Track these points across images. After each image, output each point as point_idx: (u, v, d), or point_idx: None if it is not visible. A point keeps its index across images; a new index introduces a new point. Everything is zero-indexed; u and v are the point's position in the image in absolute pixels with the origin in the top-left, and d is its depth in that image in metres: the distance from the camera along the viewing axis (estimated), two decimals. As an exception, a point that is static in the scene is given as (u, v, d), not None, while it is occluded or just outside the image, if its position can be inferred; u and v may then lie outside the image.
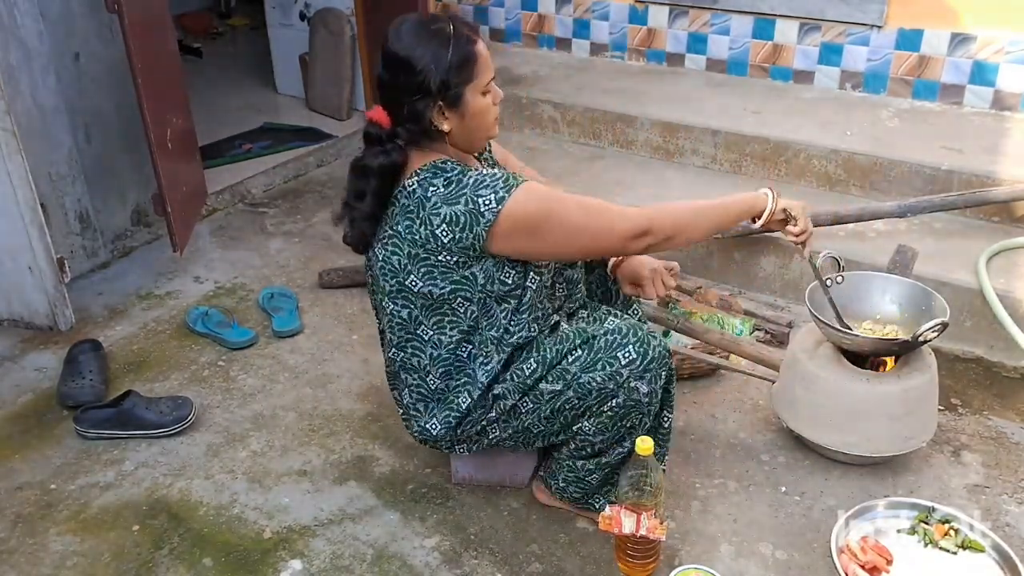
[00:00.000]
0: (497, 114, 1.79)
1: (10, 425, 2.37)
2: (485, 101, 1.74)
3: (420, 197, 1.70)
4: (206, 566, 1.92)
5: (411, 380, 1.89)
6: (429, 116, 1.69)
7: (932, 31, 3.39)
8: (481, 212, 1.65)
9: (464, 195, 1.66)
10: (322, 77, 4.41)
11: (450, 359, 1.83)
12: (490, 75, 1.73)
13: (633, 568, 1.85)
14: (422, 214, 1.69)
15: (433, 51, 1.65)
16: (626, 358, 1.76)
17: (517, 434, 1.89)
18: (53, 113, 2.85)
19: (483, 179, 1.68)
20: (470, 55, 1.68)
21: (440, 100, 1.68)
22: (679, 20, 3.91)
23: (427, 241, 1.70)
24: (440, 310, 1.78)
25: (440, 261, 1.71)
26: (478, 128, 1.76)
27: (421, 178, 1.71)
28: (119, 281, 3.07)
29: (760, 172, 3.29)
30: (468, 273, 1.73)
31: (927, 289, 2.17)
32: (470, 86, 1.69)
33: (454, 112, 1.71)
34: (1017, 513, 2.03)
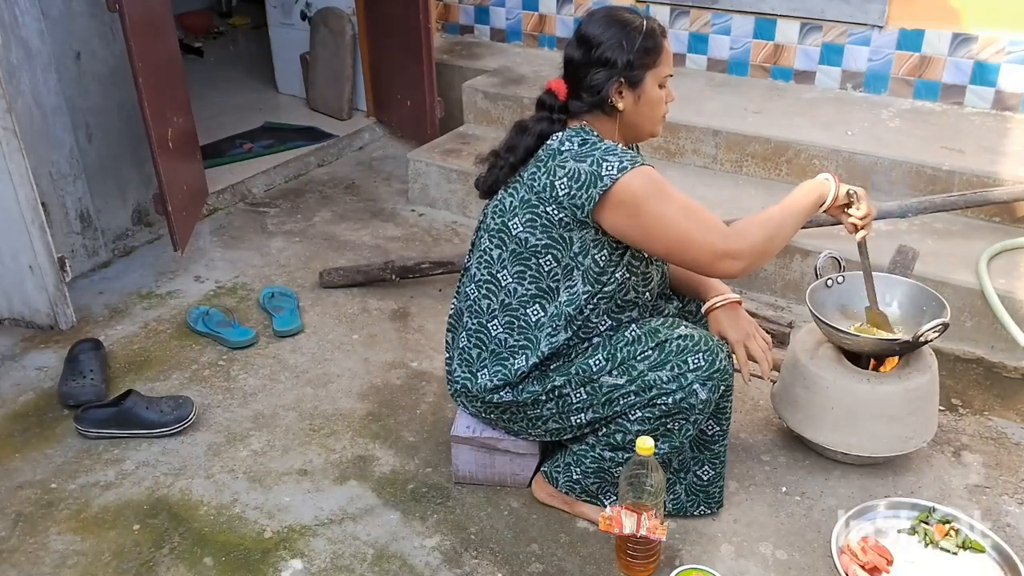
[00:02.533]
0: (666, 112, 1.88)
1: (11, 424, 2.37)
2: (660, 93, 1.83)
3: (554, 149, 1.80)
4: (207, 565, 1.92)
5: (472, 323, 1.93)
6: (608, 89, 1.78)
7: (933, 31, 3.39)
8: (601, 176, 1.72)
9: (593, 156, 1.75)
10: (323, 76, 4.41)
11: (517, 313, 1.87)
12: (669, 71, 1.84)
13: (633, 568, 1.85)
14: (550, 164, 1.79)
15: (626, 33, 1.77)
16: (695, 363, 1.81)
17: (558, 419, 1.91)
18: (54, 112, 2.85)
19: (614, 148, 1.77)
20: (657, 44, 1.79)
21: (622, 77, 1.77)
22: (680, 20, 3.91)
23: (543, 189, 1.79)
24: (527, 260, 1.84)
25: (546, 213, 1.79)
26: (648, 117, 1.85)
27: (564, 135, 1.81)
28: (120, 280, 3.07)
29: (761, 172, 3.29)
30: (567, 234, 1.79)
31: (928, 289, 2.17)
32: (651, 72, 1.80)
33: (631, 92, 1.80)
34: (1018, 513, 2.03)
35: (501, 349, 1.90)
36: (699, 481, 1.99)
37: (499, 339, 1.90)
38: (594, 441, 1.93)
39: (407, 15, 3.76)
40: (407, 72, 3.93)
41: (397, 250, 3.29)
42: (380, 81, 4.27)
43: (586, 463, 1.95)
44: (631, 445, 1.86)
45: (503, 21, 4.40)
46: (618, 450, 1.90)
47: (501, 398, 1.91)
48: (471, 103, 3.92)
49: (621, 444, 1.88)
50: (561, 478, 2.01)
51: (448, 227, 3.48)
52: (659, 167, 3.42)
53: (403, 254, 3.21)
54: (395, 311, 2.89)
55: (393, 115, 4.29)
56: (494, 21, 4.44)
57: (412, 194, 3.68)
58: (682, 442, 1.88)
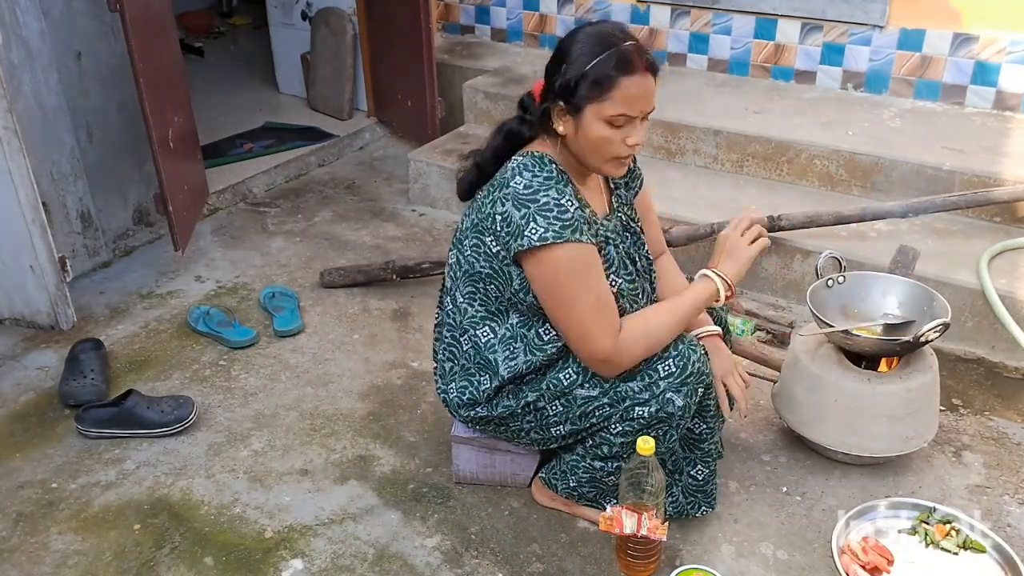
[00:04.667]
0: (620, 154, 1.68)
1: (12, 424, 2.37)
2: (605, 132, 1.65)
3: (506, 178, 1.72)
4: (207, 565, 1.92)
5: (447, 336, 1.93)
6: (551, 109, 1.70)
7: (934, 31, 3.39)
8: (524, 234, 1.66)
9: (528, 209, 1.66)
10: (323, 76, 4.41)
11: (469, 333, 1.85)
12: (624, 111, 1.62)
13: (634, 568, 1.85)
14: (495, 194, 1.73)
15: (587, 53, 1.63)
16: (665, 370, 1.77)
17: (539, 431, 1.90)
18: (55, 112, 2.85)
19: (551, 208, 1.65)
20: (610, 78, 1.60)
21: (560, 100, 1.67)
22: (681, 20, 3.91)
23: (486, 219, 1.74)
24: (476, 283, 1.82)
25: (485, 243, 1.76)
26: (590, 152, 1.69)
27: (519, 162, 1.72)
28: (120, 280, 3.07)
29: (762, 172, 3.29)
30: (506, 269, 1.76)
31: (928, 289, 2.17)
32: (593, 106, 1.63)
33: (572, 120, 1.68)
34: (1018, 514, 2.03)
35: (469, 364, 1.89)
36: (695, 481, 1.98)
37: (467, 354, 1.89)
38: (583, 452, 1.92)
39: (408, 15, 3.76)
40: (408, 72, 3.93)
41: (398, 250, 3.29)
42: (381, 81, 4.27)
43: (579, 473, 1.95)
44: (619, 455, 1.86)
45: (504, 21, 4.40)
46: (607, 460, 1.89)
47: (476, 414, 1.90)
48: (472, 103, 3.92)
49: (609, 455, 1.87)
50: (559, 485, 2.00)
51: (448, 227, 3.48)
52: (659, 167, 3.47)
53: (404, 254, 3.21)
54: (396, 311, 2.89)
55: (394, 115, 4.29)
56: (495, 21, 4.44)
57: (413, 194, 3.68)
58: (670, 446, 1.87)
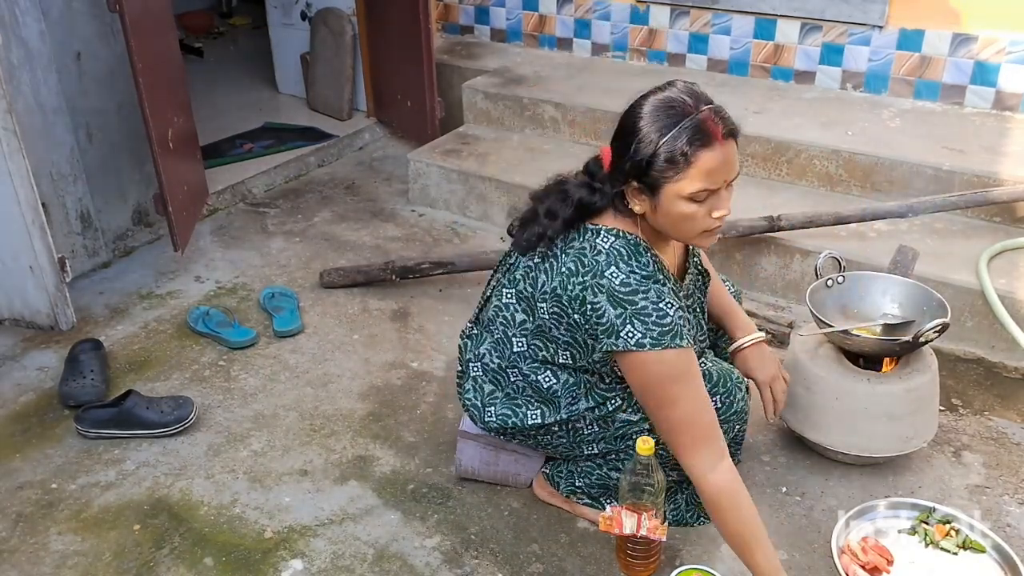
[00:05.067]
0: (709, 228, 1.60)
1: (11, 424, 2.37)
2: (688, 208, 1.57)
3: (600, 266, 1.64)
4: (207, 566, 1.92)
5: (488, 356, 1.88)
6: (624, 189, 1.63)
7: (933, 31, 3.39)
8: (620, 335, 1.60)
9: (625, 311, 1.60)
10: (323, 77, 4.41)
11: (528, 375, 1.82)
12: (705, 186, 1.54)
13: (634, 568, 1.85)
14: (588, 280, 1.64)
15: (653, 130, 1.54)
16: None
17: (568, 447, 1.90)
18: (54, 113, 2.85)
19: (650, 313, 1.59)
20: (685, 155, 1.52)
21: (635, 181, 1.59)
22: (680, 20, 3.91)
23: (572, 300, 1.67)
24: (545, 340, 1.77)
25: (573, 319, 1.70)
26: (673, 229, 1.64)
27: (612, 248, 1.64)
28: (120, 281, 3.07)
29: (761, 172, 3.29)
30: (589, 341, 1.70)
31: (928, 289, 2.17)
32: (670, 186, 1.56)
33: (649, 199, 1.60)
34: (1018, 514, 2.03)
35: (517, 395, 1.87)
36: None
37: (516, 386, 1.86)
38: (602, 462, 1.93)
39: (407, 15, 3.76)
40: (407, 72, 3.93)
41: (397, 250, 3.29)
42: (380, 81, 4.27)
43: (591, 478, 1.95)
44: None
45: (503, 21, 4.40)
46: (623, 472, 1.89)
47: (507, 427, 1.90)
48: (471, 103, 3.92)
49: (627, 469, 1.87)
50: (563, 483, 2.00)
51: (448, 227, 3.48)
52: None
53: (403, 254, 3.21)
54: (395, 311, 2.89)
55: (393, 115, 4.29)
56: (494, 21, 4.44)
57: (412, 194, 3.68)
58: None
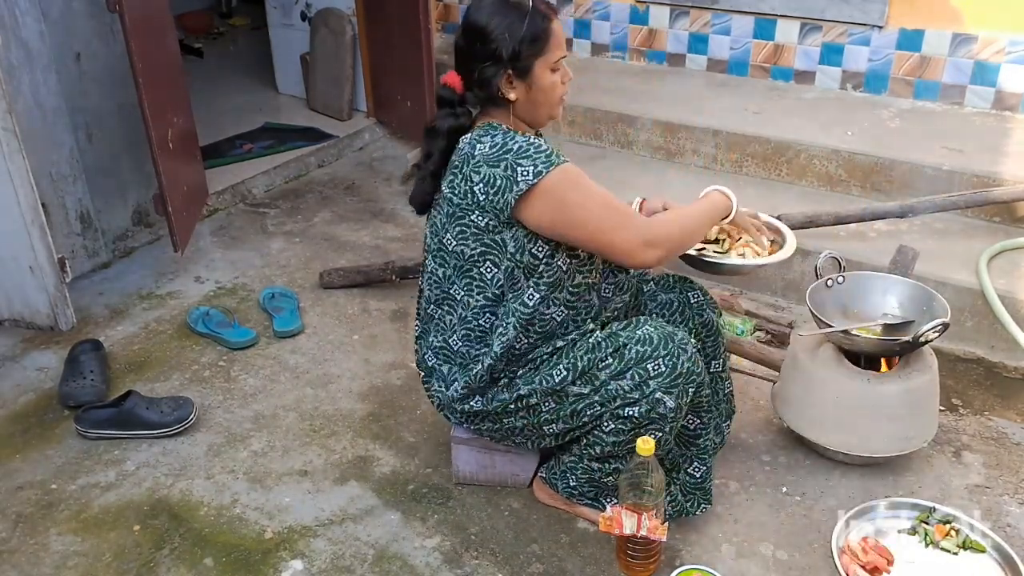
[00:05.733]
0: (564, 93, 1.84)
1: (11, 425, 2.37)
2: (553, 78, 1.79)
3: (467, 153, 1.77)
4: (207, 566, 1.92)
5: (436, 341, 1.93)
6: (497, 83, 1.76)
7: (933, 31, 3.39)
8: (517, 180, 1.71)
9: (506, 160, 1.72)
10: (323, 77, 4.41)
11: (473, 324, 1.86)
12: (561, 53, 1.79)
13: (634, 568, 1.85)
14: (465, 170, 1.76)
15: (509, 22, 1.73)
16: (655, 370, 1.77)
17: (532, 429, 1.90)
18: (54, 113, 2.85)
19: (527, 148, 1.73)
20: (544, 30, 1.75)
21: (509, 69, 1.75)
22: (680, 20, 3.91)
23: (464, 196, 1.76)
24: (470, 272, 1.83)
25: (472, 221, 1.77)
26: (543, 103, 1.82)
27: (473, 136, 1.79)
28: (120, 281, 3.07)
29: (761, 172, 3.29)
30: (499, 238, 1.78)
31: (928, 289, 2.17)
32: (540, 60, 1.76)
33: (521, 83, 1.77)
34: (1018, 514, 2.03)
35: (466, 360, 1.89)
36: (692, 479, 1.98)
37: (462, 352, 1.89)
38: (579, 452, 1.93)
39: (407, 15, 3.76)
40: (407, 72, 3.93)
41: (397, 250, 3.29)
42: (380, 81, 4.27)
43: (577, 473, 1.95)
44: (613, 455, 1.87)
45: (503, 21, 4.39)
46: (603, 460, 1.89)
47: (472, 407, 1.90)
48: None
49: (603, 455, 1.88)
50: (559, 484, 2.00)
51: (448, 227, 3.48)
52: (659, 167, 3.47)
53: (403, 254, 3.21)
54: (395, 311, 2.89)
55: (393, 115, 4.29)
56: (494, 21, 4.43)
57: (412, 194, 3.67)
58: (665, 448, 1.88)
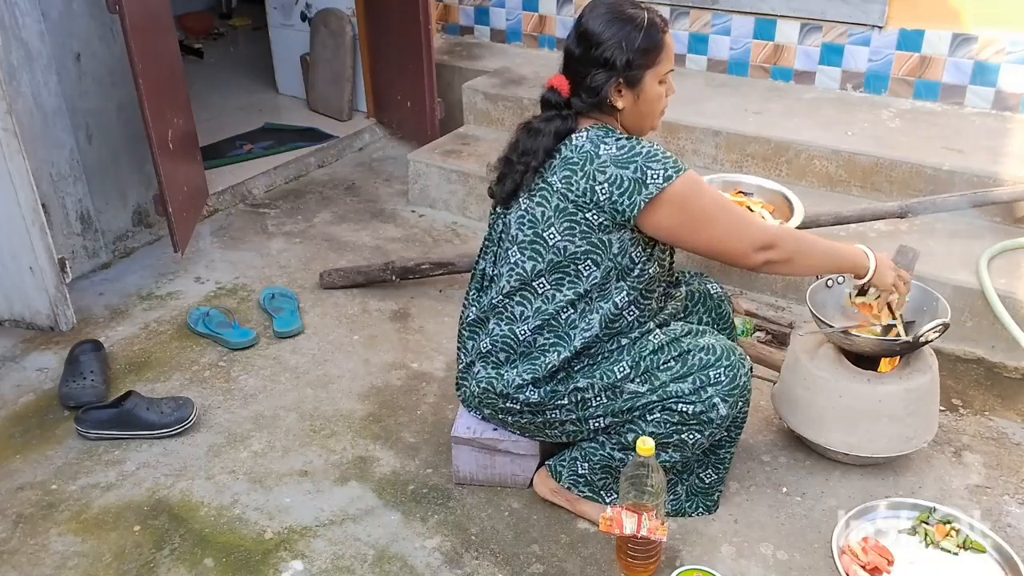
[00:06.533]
0: (666, 107, 1.88)
1: (11, 425, 2.37)
2: (659, 89, 1.83)
3: (589, 151, 1.77)
4: (207, 567, 1.92)
5: (499, 329, 1.92)
6: (607, 90, 1.78)
7: (933, 31, 3.39)
8: (646, 183, 1.74)
9: (636, 162, 1.74)
10: (323, 78, 4.41)
11: (550, 316, 1.86)
12: (670, 66, 1.82)
13: (634, 569, 1.85)
14: (588, 168, 1.76)
15: (627, 31, 1.75)
16: (716, 378, 1.82)
17: (575, 422, 1.92)
18: (54, 113, 2.85)
19: (655, 153, 1.76)
20: (657, 42, 1.78)
21: (621, 77, 1.77)
22: (680, 20, 3.91)
23: (583, 194, 1.76)
24: (566, 268, 1.83)
25: (585, 219, 1.78)
26: (647, 114, 1.85)
27: (592, 135, 1.79)
28: (120, 281, 3.07)
29: (761, 172, 3.29)
30: (606, 237, 1.80)
31: (928, 290, 2.17)
32: (651, 71, 1.79)
33: (630, 92, 1.80)
34: (1018, 514, 2.03)
35: (531, 350, 1.89)
36: (700, 483, 1.99)
37: (528, 341, 1.89)
38: (605, 440, 1.93)
39: (407, 16, 3.76)
40: (407, 73, 3.93)
41: (397, 251, 3.29)
42: (380, 82, 4.27)
43: (594, 460, 1.96)
44: None
45: (503, 22, 4.40)
46: (628, 450, 1.90)
47: (527, 397, 1.90)
48: (471, 104, 3.92)
49: (632, 445, 1.87)
50: (565, 472, 2.01)
51: (448, 228, 3.48)
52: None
53: (403, 255, 3.21)
54: (395, 312, 2.89)
55: (393, 116, 4.30)
56: (494, 22, 4.44)
57: (412, 195, 3.68)
58: (693, 453, 1.89)
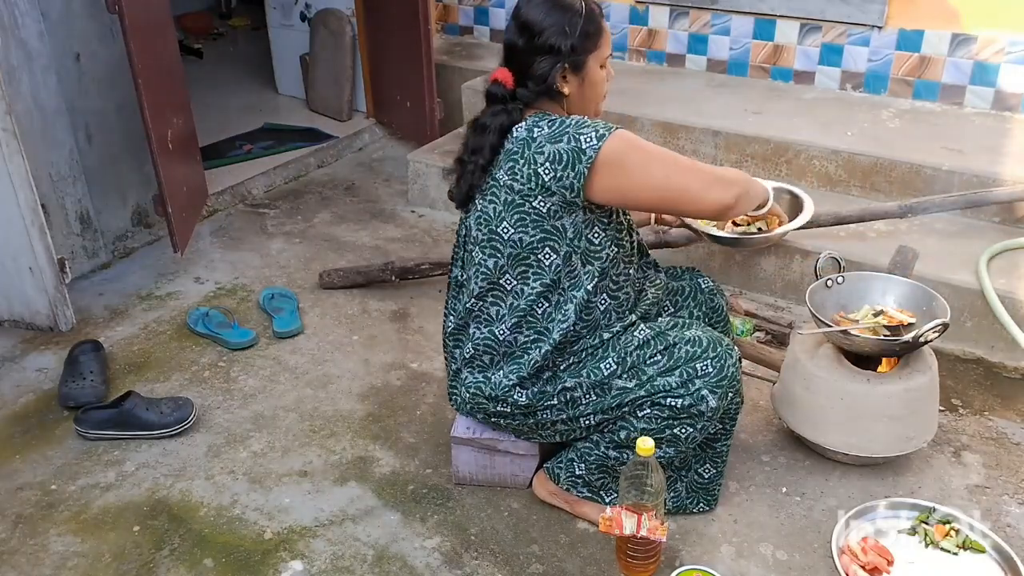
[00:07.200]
0: (606, 92, 1.92)
1: (11, 426, 2.37)
2: (601, 74, 1.87)
3: (525, 139, 1.79)
4: (207, 567, 1.92)
5: (479, 333, 1.92)
6: (554, 77, 1.80)
7: (933, 31, 3.39)
8: (583, 149, 1.74)
9: (567, 133, 1.76)
10: (323, 78, 4.41)
11: (525, 312, 1.87)
12: (610, 50, 1.87)
13: (634, 569, 1.85)
14: (527, 153, 1.78)
15: (567, 18, 1.78)
16: (703, 370, 1.82)
17: (566, 421, 1.91)
18: (54, 114, 2.85)
19: (584, 121, 1.78)
20: (598, 27, 1.83)
21: (566, 63, 1.80)
22: (680, 21, 3.91)
23: (527, 181, 1.77)
24: (526, 260, 1.84)
25: (534, 208, 1.79)
26: (591, 98, 1.88)
27: (528, 123, 1.81)
28: (120, 282, 3.07)
29: (761, 172, 3.29)
30: (558, 223, 1.80)
31: (928, 290, 2.17)
32: (593, 55, 1.82)
33: (575, 76, 1.83)
34: (1018, 514, 2.03)
35: (513, 348, 1.90)
36: (700, 479, 2.00)
37: (508, 340, 1.89)
38: (599, 438, 1.93)
39: (407, 16, 3.76)
40: (407, 73, 3.93)
41: (397, 251, 3.29)
42: (380, 82, 4.27)
43: (589, 460, 1.96)
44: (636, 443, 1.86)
45: (503, 22, 4.39)
46: (622, 448, 1.90)
47: (516, 399, 1.90)
48: (471, 104, 3.92)
49: (625, 442, 1.88)
50: (563, 474, 2.01)
51: (448, 228, 3.48)
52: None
53: (403, 255, 3.21)
54: (395, 312, 2.89)
55: (393, 116, 4.30)
56: (493, 22, 4.44)
57: (412, 195, 3.68)
58: (688, 448, 1.89)
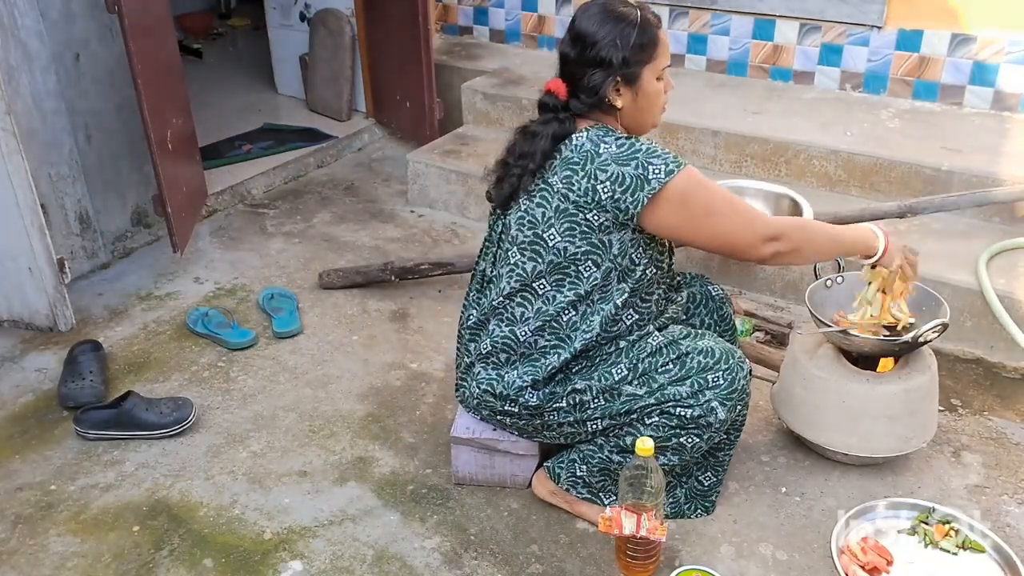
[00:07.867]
0: (666, 103, 1.88)
1: (10, 426, 2.37)
2: (658, 86, 1.83)
3: (589, 151, 1.77)
4: (206, 567, 1.92)
5: (500, 331, 1.91)
6: (605, 90, 1.78)
7: (932, 31, 3.39)
8: (648, 178, 1.73)
9: (637, 159, 1.74)
10: (322, 78, 4.41)
11: (551, 318, 1.86)
12: (667, 62, 1.83)
13: (633, 569, 1.85)
14: (589, 167, 1.76)
15: (620, 30, 1.75)
16: (714, 382, 1.82)
17: (574, 424, 1.91)
18: (53, 114, 2.85)
19: (655, 149, 1.76)
20: (652, 38, 1.79)
21: (618, 76, 1.77)
22: (679, 21, 3.91)
23: (584, 194, 1.76)
24: (566, 269, 1.83)
25: (586, 219, 1.78)
26: (647, 110, 1.85)
27: (591, 134, 1.79)
28: (119, 282, 3.07)
29: (760, 173, 3.29)
30: (606, 238, 1.79)
31: (927, 290, 2.16)
32: (648, 67, 1.79)
33: (629, 90, 1.80)
34: (1018, 513, 2.03)
35: (532, 351, 1.89)
36: (699, 486, 2.00)
37: (529, 342, 1.88)
38: (603, 442, 1.93)
39: (406, 16, 3.76)
40: (406, 73, 3.93)
41: (396, 251, 3.29)
42: (379, 82, 4.27)
43: (592, 462, 1.96)
44: None
45: (502, 22, 4.40)
46: (627, 453, 1.90)
47: (526, 400, 1.90)
48: (470, 104, 3.92)
49: (630, 448, 1.87)
50: (564, 474, 2.01)
51: (447, 228, 3.48)
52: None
53: (402, 255, 3.21)
54: (394, 312, 2.89)
55: (392, 116, 4.29)
56: (493, 22, 4.44)
57: (411, 195, 3.68)
58: (692, 457, 1.90)
